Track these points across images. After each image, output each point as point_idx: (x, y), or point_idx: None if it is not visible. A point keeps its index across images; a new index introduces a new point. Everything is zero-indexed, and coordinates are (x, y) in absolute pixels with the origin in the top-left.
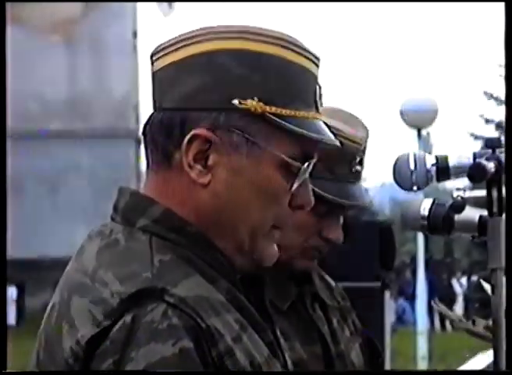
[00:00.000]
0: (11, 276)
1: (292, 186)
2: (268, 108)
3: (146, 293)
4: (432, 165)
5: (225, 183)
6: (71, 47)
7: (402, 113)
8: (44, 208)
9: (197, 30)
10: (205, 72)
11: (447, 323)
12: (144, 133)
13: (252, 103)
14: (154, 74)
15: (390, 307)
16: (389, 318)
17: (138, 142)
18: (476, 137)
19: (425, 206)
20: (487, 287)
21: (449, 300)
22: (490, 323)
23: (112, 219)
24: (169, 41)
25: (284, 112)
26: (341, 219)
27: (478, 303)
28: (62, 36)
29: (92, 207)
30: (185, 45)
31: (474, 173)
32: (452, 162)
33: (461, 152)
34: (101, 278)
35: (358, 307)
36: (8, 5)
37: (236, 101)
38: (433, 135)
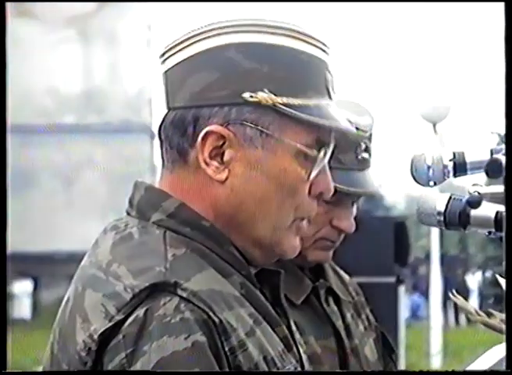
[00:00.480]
0: (26, 269)
1: (310, 175)
2: (278, 99)
3: (159, 287)
4: (450, 160)
5: (243, 178)
6: (85, 41)
7: (418, 107)
8: (59, 202)
9: (203, 27)
10: (214, 68)
11: (461, 319)
12: (158, 133)
13: (262, 95)
14: (164, 74)
15: (404, 302)
16: (403, 313)
17: (152, 136)
18: (492, 133)
19: (441, 201)
20: (503, 282)
21: (464, 295)
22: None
23: (128, 213)
24: (176, 40)
25: (295, 101)
26: (353, 209)
27: (493, 298)
28: (77, 30)
29: (107, 201)
30: (192, 43)
31: (492, 168)
32: (469, 158)
33: (478, 148)
34: (114, 272)
35: (372, 302)
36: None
37: (246, 95)
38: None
